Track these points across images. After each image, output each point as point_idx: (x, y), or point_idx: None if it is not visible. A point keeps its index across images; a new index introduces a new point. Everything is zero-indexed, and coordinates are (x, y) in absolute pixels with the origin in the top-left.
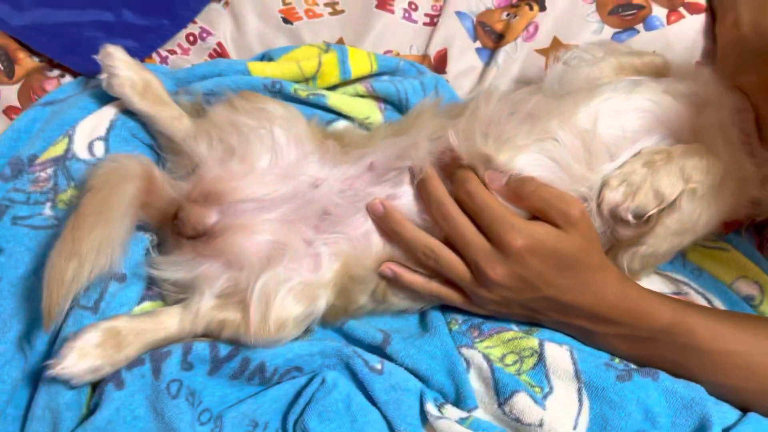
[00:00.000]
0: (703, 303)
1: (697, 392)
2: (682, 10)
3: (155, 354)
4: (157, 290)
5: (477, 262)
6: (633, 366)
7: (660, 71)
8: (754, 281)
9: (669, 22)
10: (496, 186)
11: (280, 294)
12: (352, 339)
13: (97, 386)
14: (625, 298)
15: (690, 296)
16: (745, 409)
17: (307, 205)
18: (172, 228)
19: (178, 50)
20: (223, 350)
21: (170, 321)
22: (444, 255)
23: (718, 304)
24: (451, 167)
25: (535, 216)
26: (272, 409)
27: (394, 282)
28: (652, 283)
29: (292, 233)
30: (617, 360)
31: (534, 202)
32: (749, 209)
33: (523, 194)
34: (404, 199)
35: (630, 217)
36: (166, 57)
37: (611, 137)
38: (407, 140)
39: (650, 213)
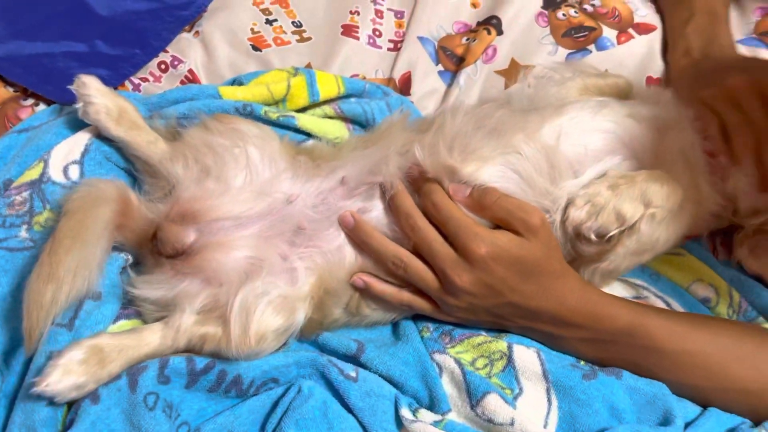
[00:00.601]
0: (663, 306)
1: (659, 389)
2: (631, 31)
3: (132, 368)
4: (133, 309)
5: (444, 270)
6: (597, 367)
7: (623, 93)
8: (709, 284)
9: (619, 43)
10: (460, 197)
11: (260, 307)
12: (327, 350)
13: (73, 403)
14: (586, 303)
15: (649, 300)
16: (705, 406)
17: (282, 221)
18: (151, 248)
19: (151, 78)
20: (200, 363)
21: (152, 337)
22: (412, 264)
23: (677, 306)
24: (419, 181)
25: (498, 225)
26: (250, 420)
27: (366, 293)
28: (613, 288)
29: (268, 249)
30: (582, 362)
31: (496, 212)
32: (710, 223)
33: (486, 204)
34: (375, 212)
35: (593, 236)
36: (139, 84)
37: (574, 154)
38: (377, 154)
39: (612, 233)
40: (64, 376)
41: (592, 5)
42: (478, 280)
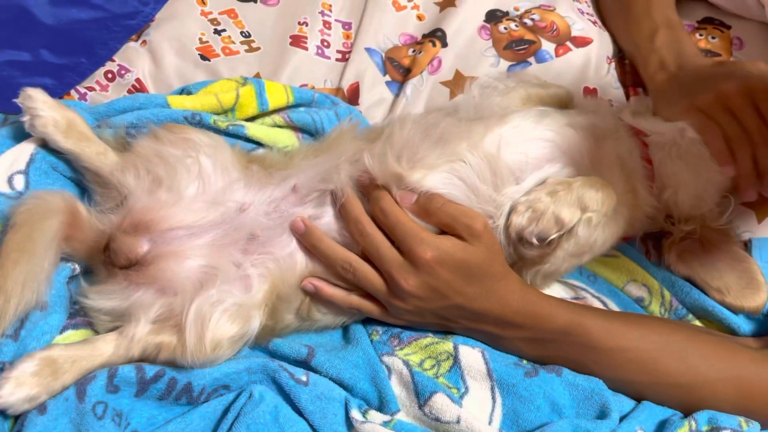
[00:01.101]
0: (600, 306)
1: (596, 384)
2: (569, 44)
3: (80, 378)
4: (80, 318)
5: (391, 273)
6: (538, 365)
7: (564, 102)
8: (642, 284)
9: (557, 55)
10: (407, 204)
11: (215, 315)
12: (277, 355)
13: (19, 415)
14: (527, 304)
15: (587, 300)
16: (639, 400)
17: (235, 229)
18: (103, 259)
19: (97, 87)
20: (149, 372)
21: (106, 347)
22: (361, 268)
23: (613, 306)
24: (368, 188)
25: (443, 231)
26: (201, 426)
27: (316, 297)
28: (553, 289)
29: (221, 257)
30: (525, 361)
31: (441, 218)
32: (645, 225)
33: (431, 210)
34: (326, 218)
35: (534, 240)
36: (85, 94)
37: (516, 162)
38: (328, 163)
39: (551, 237)
40: (16, 388)
41: (532, 19)
42: (424, 284)
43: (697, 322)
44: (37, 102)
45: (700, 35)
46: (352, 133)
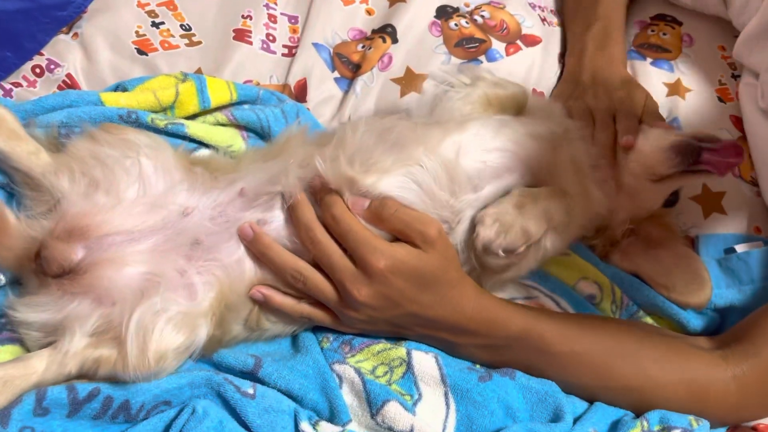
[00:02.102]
0: (552, 304)
1: (550, 386)
2: (519, 42)
3: (14, 400)
4: (8, 334)
5: (343, 283)
6: (492, 369)
7: (521, 104)
8: (593, 281)
9: (508, 54)
10: (359, 210)
11: (159, 325)
12: (223, 367)
13: None
14: (482, 310)
15: (540, 299)
16: (592, 401)
17: (178, 234)
18: (34, 268)
19: (24, 83)
20: (82, 392)
21: (40, 364)
22: (312, 277)
23: (565, 304)
24: (320, 192)
25: (397, 238)
26: None
27: (265, 306)
28: (505, 289)
29: (164, 263)
30: (478, 365)
31: (394, 224)
32: (593, 225)
33: (384, 217)
34: (275, 224)
35: (501, 253)
36: (11, 90)
37: (474, 170)
38: (277, 166)
39: (519, 251)
40: None
41: (482, 17)
42: (377, 293)
43: (648, 319)
44: None
45: (652, 31)
46: (303, 138)
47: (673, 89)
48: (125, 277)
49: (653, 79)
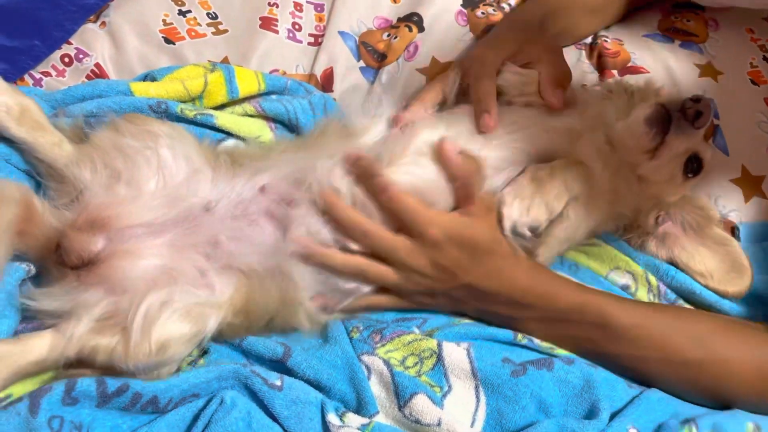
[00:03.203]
0: None
1: (588, 380)
2: None
3: (34, 391)
4: (39, 323)
5: (402, 260)
6: (528, 359)
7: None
8: (626, 271)
9: None
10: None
11: (165, 314)
12: (251, 354)
13: None
14: (536, 283)
15: None
16: (648, 382)
17: (198, 229)
18: (55, 258)
19: (53, 72)
20: (112, 386)
21: (39, 344)
22: (371, 269)
23: None
24: (361, 170)
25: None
26: None
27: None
28: None
29: (182, 260)
30: (514, 357)
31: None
32: (618, 221)
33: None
34: (299, 219)
35: (527, 231)
36: (40, 79)
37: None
38: (305, 159)
39: (543, 226)
40: None
41: (509, 4)
42: (434, 263)
43: (688, 307)
44: None
45: (675, 17)
46: (335, 130)
47: (705, 71)
48: (140, 269)
49: (684, 60)
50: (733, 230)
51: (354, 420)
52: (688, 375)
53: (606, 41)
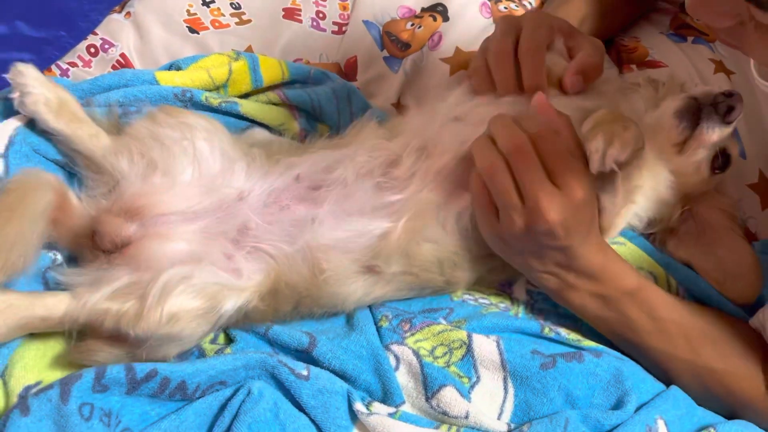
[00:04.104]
0: None
1: (617, 373)
2: None
3: (65, 378)
4: None
5: (538, 199)
6: (558, 352)
7: None
8: (648, 272)
9: None
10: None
11: (181, 287)
12: (277, 344)
13: None
14: (606, 258)
15: None
16: (669, 381)
17: (230, 217)
18: (90, 244)
19: (79, 62)
20: (140, 372)
21: (52, 302)
22: (506, 183)
23: None
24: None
25: None
26: (196, 423)
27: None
28: None
29: (211, 245)
30: (543, 347)
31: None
32: (647, 212)
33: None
34: (326, 210)
35: (614, 165)
36: (67, 69)
37: None
38: (341, 154)
39: (626, 158)
40: None
41: (530, 2)
42: (564, 222)
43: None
44: (28, 78)
45: (686, 15)
46: (374, 131)
47: (719, 67)
48: (168, 251)
49: (699, 56)
50: (754, 235)
51: (381, 409)
52: (709, 381)
53: (622, 39)
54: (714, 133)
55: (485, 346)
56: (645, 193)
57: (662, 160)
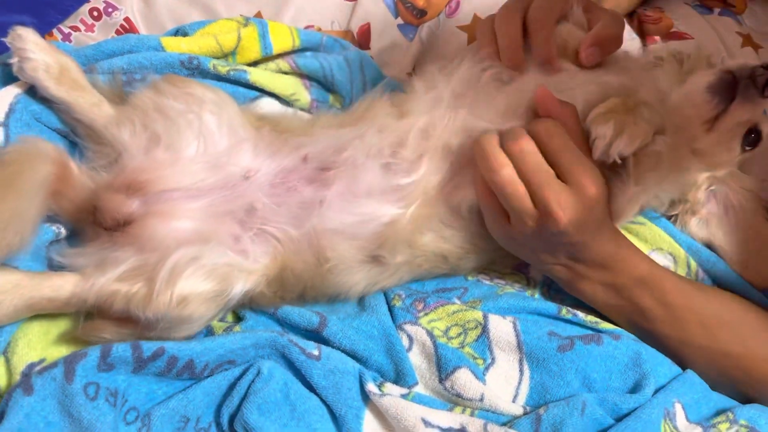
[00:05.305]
0: None
1: (636, 356)
2: None
3: (69, 356)
4: None
5: (549, 201)
6: (576, 334)
7: None
8: (668, 252)
9: None
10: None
11: (190, 269)
12: (286, 323)
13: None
14: (618, 247)
15: None
16: (687, 365)
17: (236, 197)
18: (92, 220)
19: (82, 26)
20: (147, 351)
21: (59, 283)
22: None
23: None
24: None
25: None
26: (204, 402)
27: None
28: None
29: (217, 224)
30: (560, 328)
31: None
32: (669, 193)
33: None
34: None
35: (617, 157)
36: (69, 34)
37: None
38: (352, 133)
39: (636, 147)
40: None
41: None
42: (576, 221)
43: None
44: (28, 42)
45: None
46: (384, 106)
47: (747, 41)
48: (173, 230)
49: (726, 28)
50: None
51: (393, 389)
52: (725, 365)
53: (645, 10)
54: (748, 109)
55: (501, 327)
56: (666, 175)
57: (688, 139)
